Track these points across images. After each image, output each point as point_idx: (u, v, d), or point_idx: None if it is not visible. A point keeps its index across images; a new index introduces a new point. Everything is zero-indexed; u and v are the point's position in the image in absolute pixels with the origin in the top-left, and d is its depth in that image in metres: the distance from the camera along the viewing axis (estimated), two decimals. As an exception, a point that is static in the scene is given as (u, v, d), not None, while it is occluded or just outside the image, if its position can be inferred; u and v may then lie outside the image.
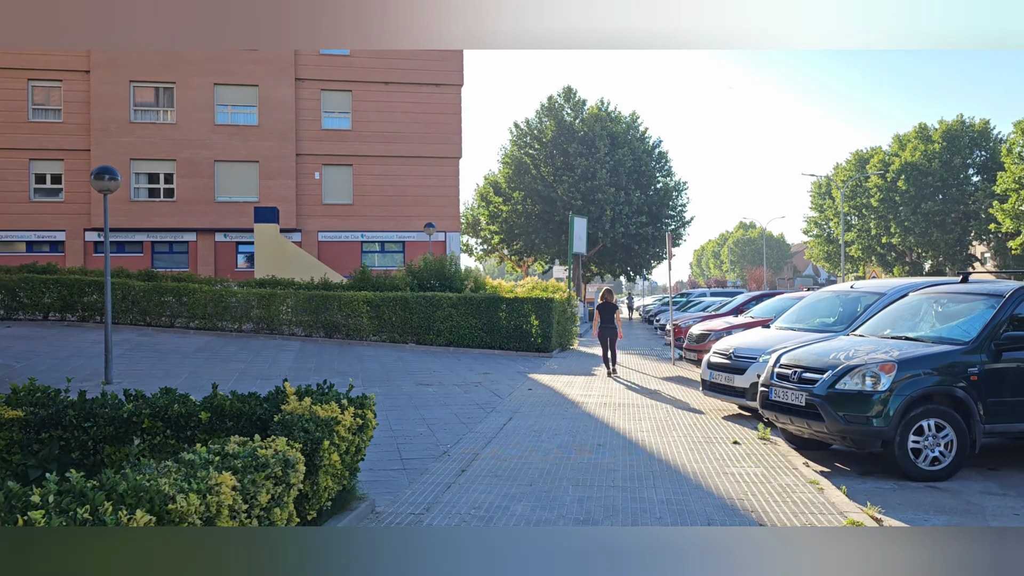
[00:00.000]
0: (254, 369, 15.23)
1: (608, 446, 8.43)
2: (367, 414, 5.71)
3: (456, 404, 11.50)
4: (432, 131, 36.52)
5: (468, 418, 10.23)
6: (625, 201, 46.59)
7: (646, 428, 9.60)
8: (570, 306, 23.69)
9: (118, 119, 33.69)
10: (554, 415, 10.56)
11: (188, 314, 20.95)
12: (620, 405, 11.63)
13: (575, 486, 6.74)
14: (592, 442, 8.65)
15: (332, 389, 5.78)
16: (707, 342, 15.03)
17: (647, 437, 8.98)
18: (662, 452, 8.13)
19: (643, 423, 9.98)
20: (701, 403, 11.91)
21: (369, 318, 20.55)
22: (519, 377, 15.24)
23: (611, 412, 10.89)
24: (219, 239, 34.91)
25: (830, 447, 8.46)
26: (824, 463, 7.99)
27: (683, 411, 11.08)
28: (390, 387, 13.39)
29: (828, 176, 76.42)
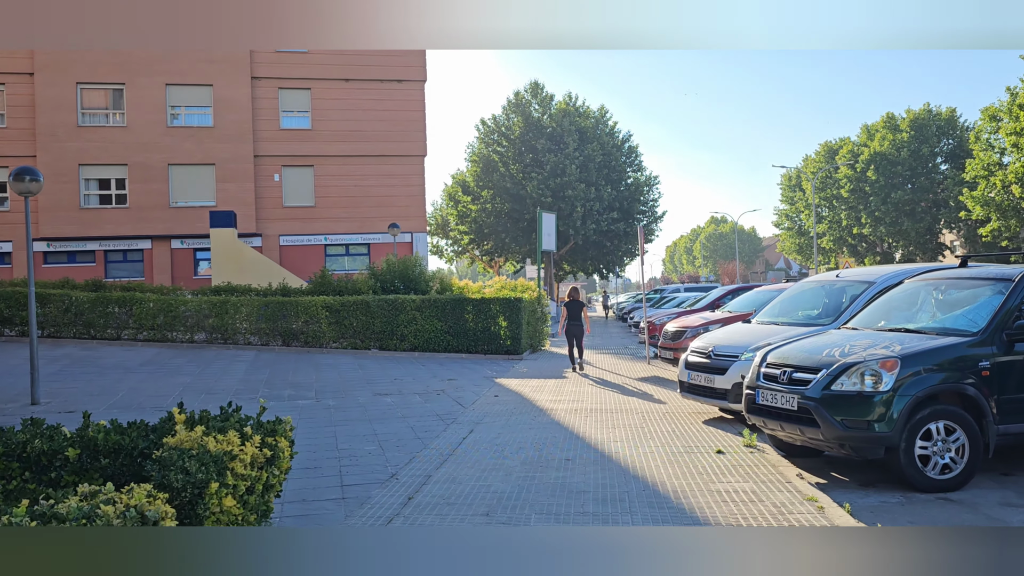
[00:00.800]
0: (200, 383, 14.14)
1: (578, 461, 7.51)
2: (279, 443, 4.74)
3: (414, 416, 10.53)
4: (395, 129, 35.46)
5: (425, 432, 9.27)
6: (596, 197, 45.85)
7: (620, 437, 8.70)
8: (540, 306, 22.79)
9: (65, 123, 32.25)
10: (520, 425, 9.62)
11: (136, 325, 19.75)
12: (592, 411, 10.72)
13: (539, 513, 5.81)
14: (560, 456, 7.73)
15: (236, 413, 4.80)
16: (683, 339, 14.20)
17: (621, 448, 8.08)
18: (638, 466, 7.23)
19: (617, 431, 9.08)
20: (679, 406, 11.04)
21: (329, 324, 19.50)
22: (486, 383, 14.29)
23: (582, 420, 9.98)
24: (176, 246, 33.58)
25: (823, 453, 7.61)
26: (819, 473, 7.13)
27: (660, 416, 10.21)
28: (345, 399, 12.38)
29: (798, 168, 76.35)
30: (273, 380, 14.52)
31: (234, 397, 12.56)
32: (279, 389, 13.48)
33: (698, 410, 10.56)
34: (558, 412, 10.67)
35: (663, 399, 11.92)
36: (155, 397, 12.62)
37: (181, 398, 12.56)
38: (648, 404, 11.36)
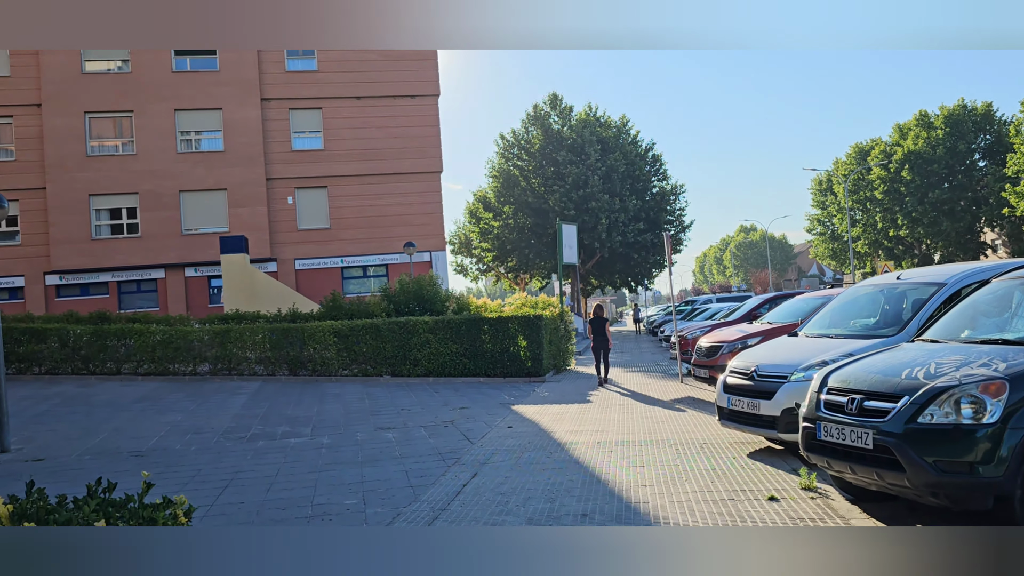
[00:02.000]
0: (191, 421, 12.96)
1: (597, 515, 6.13)
2: (160, 536, 3.41)
3: (413, 455, 9.20)
4: (410, 146, 34.43)
5: (421, 477, 7.94)
6: (620, 208, 44.42)
7: (650, 479, 7.31)
8: (563, 323, 21.41)
9: (74, 153, 31.63)
10: (532, 465, 8.25)
11: (137, 359, 18.70)
12: (617, 444, 9.32)
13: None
14: (576, 509, 6.35)
15: (95, 498, 3.50)
16: (719, 356, 12.75)
17: (652, 495, 6.69)
18: (674, 521, 5.84)
19: (646, 471, 7.68)
20: (718, 436, 9.60)
21: (337, 350, 18.30)
22: (501, 411, 12.94)
23: (606, 456, 8.59)
24: (189, 274, 32.72)
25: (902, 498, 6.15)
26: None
27: (697, 449, 8.78)
28: (342, 435, 11.10)
29: (829, 171, 74.29)
30: (270, 415, 13.30)
31: (222, 437, 11.35)
32: (274, 425, 12.25)
33: (741, 440, 9.12)
34: (578, 447, 9.28)
35: (699, 426, 10.48)
36: (136, 439, 11.45)
37: (165, 439, 11.38)
38: (682, 433, 9.93)
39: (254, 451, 10.12)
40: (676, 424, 10.73)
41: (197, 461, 9.61)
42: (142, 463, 9.75)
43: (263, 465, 9.10)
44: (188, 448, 10.64)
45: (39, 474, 9.29)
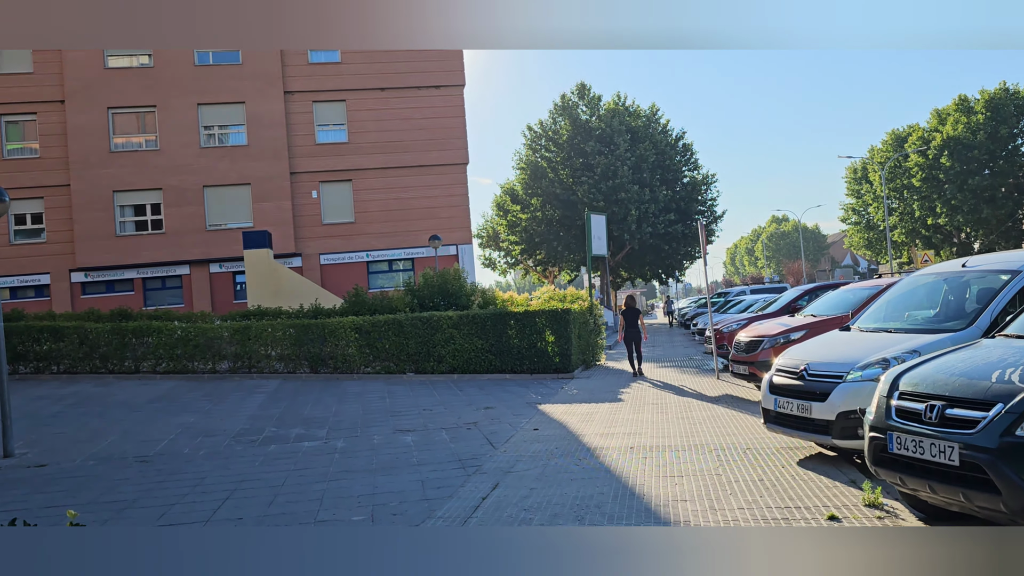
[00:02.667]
0: (204, 423, 12.42)
1: (633, 536, 5.40)
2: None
3: (432, 462, 8.54)
4: (435, 137, 33.80)
5: (438, 488, 7.27)
6: (651, 199, 43.46)
7: (690, 492, 6.57)
8: (593, 316, 20.65)
9: (98, 149, 31.43)
10: (559, 475, 7.54)
11: (155, 357, 18.28)
12: (652, 449, 8.58)
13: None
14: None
15: None
16: (760, 351, 11.94)
17: (693, 512, 5.95)
18: (719, 545, 5.09)
19: (685, 482, 6.93)
20: (763, 440, 8.82)
21: (358, 347, 17.72)
22: (527, 411, 12.24)
23: (639, 463, 7.86)
24: (214, 270, 32.43)
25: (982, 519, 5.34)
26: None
27: (740, 455, 8.01)
28: (358, 438, 10.47)
29: (864, 159, 72.49)
30: (286, 416, 12.72)
31: (233, 441, 10.79)
32: (288, 427, 11.66)
33: (788, 445, 8.33)
34: (609, 452, 8.54)
35: (741, 429, 9.69)
36: (145, 443, 10.92)
37: (174, 443, 10.85)
38: (723, 437, 9.16)
39: (264, 457, 9.53)
40: (715, 426, 9.96)
41: (202, 468, 9.04)
42: (147, 468, 9.21)
43: (271, 473, 8.49)
44: (196, 453, 10.08)
45: (36, 481, 8.79)
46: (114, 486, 8.31)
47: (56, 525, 6.26)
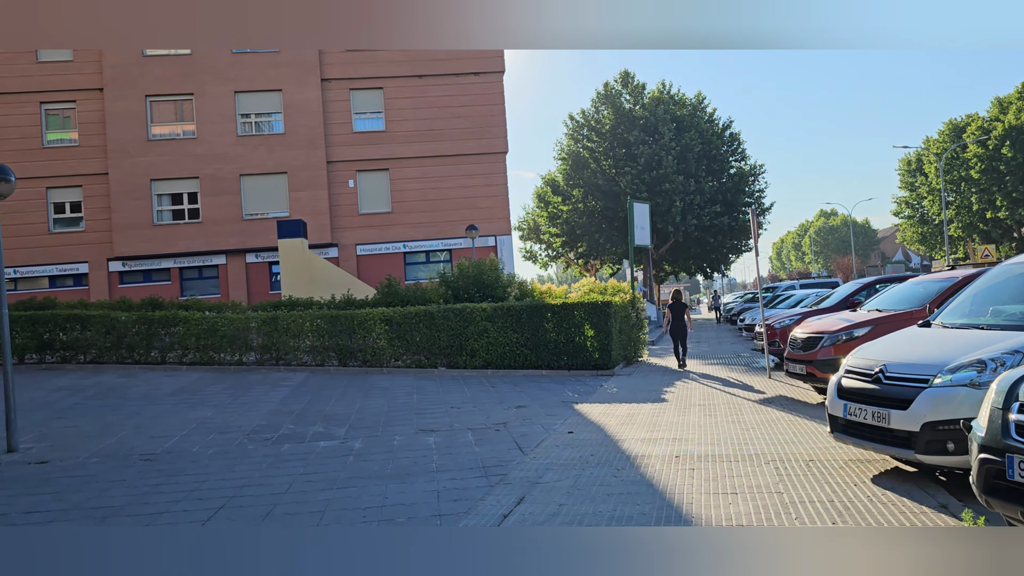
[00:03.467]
0: (221, 418, 11.76)
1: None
2: None
3: (452, 468, 7.69)
4: (474, 125, 32.98)
5: (455, 501, 6.42)
6: (696, 190, 42.09)
7: (748, 514, 5.61)
8: (635, 310, 19.64)
9: (136, 138, 31.23)
10: (594, 489, 6.63)
11: (182, 347, 17.77)
12: (700, 459, 7.62)
13: None
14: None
15: None
16: (819, 349, 10.87)
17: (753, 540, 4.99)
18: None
19: (740, 502, 5.97)
20: (826, 449, 7.80)
21: (388, 340, 16.98)
22: (562, 411, 11.34)
23: (686, 476, 6.91)
24: (250, 260, 32.06)
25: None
26: None
27: (803, 468, 7.02)
28: (378, 439, 9.68)
29: (919, 150, 69.92)
30: (307, 412, 12.00)
31: (246, 439, 10.08)
32: (307, 425, 10.93)
33: (857, 457, 7.30)
34: (651, 462, 7.60)
35: (800, 436, 8.66)
36: (156, 439, 10.27)
37: (185, 440, 10.18)
38: (780, 445, 8.15)
39: (274, 458, 8.78)
40: (771, 432, 8.94)
41: (207, 469, 8.32)
42: (149, 468, 8.53)
43: (276, 477, 7.73)
44: (205, 451, 9.38)
45: (31, 481, 8.15)
46: (107, 489, 7.62)
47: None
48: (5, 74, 30.85)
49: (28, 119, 31.06)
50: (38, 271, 31.14)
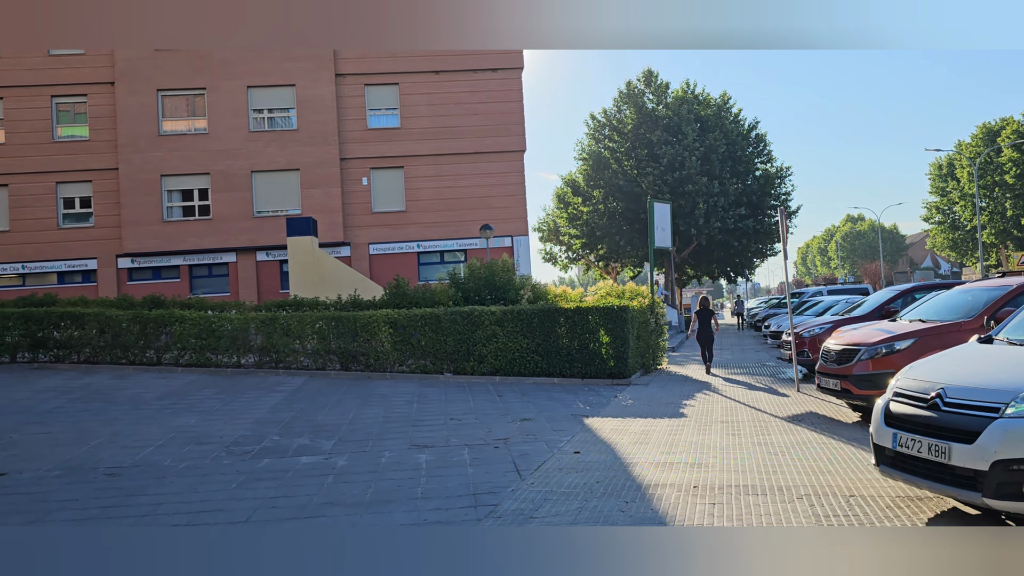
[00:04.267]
0: (204, 426, 10.93)
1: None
2: None
3: (439, 495, 6.78)
4: (491, 123, 32.10)
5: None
6: (720, 191, 40.94)
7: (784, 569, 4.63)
8: (654, 315, 18.64)
9: (146, 133, 30.66)
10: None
11: (178, 347, 17.01)
12: (723, 491, 6.64)
13: None
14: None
15: None
16: (855, 363, 9.84)
17: None
18: None
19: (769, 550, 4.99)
20: (869, 483, 6.80)
21: (392, 343, 16.11)
22: (570, 425, 10.40)
23: (705, 512, 5.94)
24: (261, 258, 31.38)
25: None
26: None
27: (843, 508, 6.02)
28: (365, 454, 8.79)
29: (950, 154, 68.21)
30: (296, 422, 11.14)
31: (224, 452, 9.23)
32: (293, 436, 10.07)
33: (907, 494, 6.29)
34: (666, 492, 6.63)
35: (837, 463, 7.64)
36: (128, 449, 9.45)
37: (159, 451, 9.35)
38: (814, 475, 7.14)
39: (247, 476, 7.91)
40: (802, 457, 7.93)
41: (170, 488, 7.47)
42: (108, 486, 7.69)
43: (242, 501, 6.85)
44: (176, 466, 8.54)
45: (-27, 499, 7.33)
46: (54, 511, 6.79)
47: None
48: (16, 67, 30.41)
49: (39, 113, 30.59)
50: (47, 267, 30.65)
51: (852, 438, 8.82)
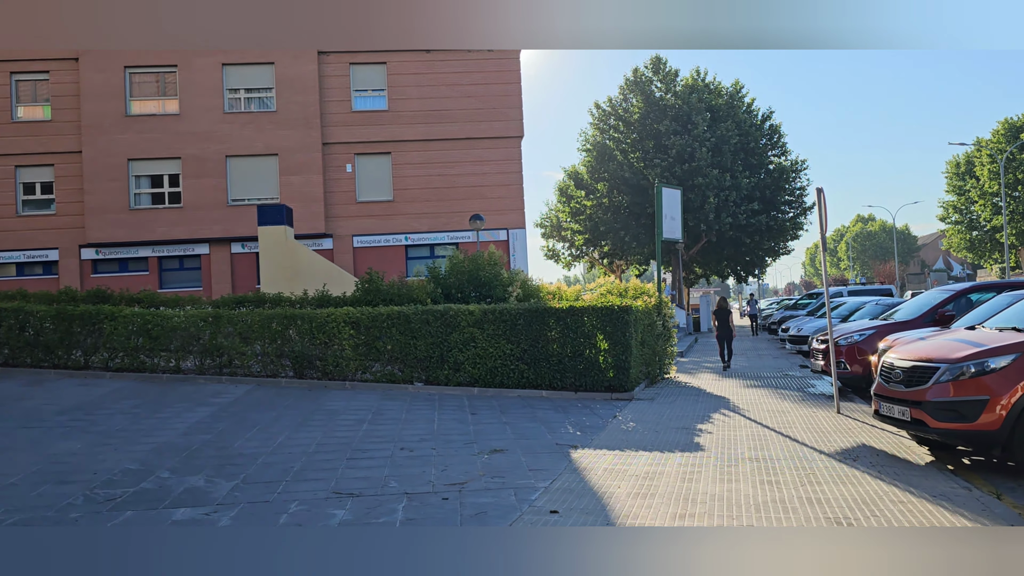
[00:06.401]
0: (86, 455, 8.53)
1: None
2: None
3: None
4: (486, 107, 29.68)
5: None
6: (732, 185, 38.46)
7: None
8: (662, 316, 16.22)
9: (112, 113, 28.31)
10: None
11: (108, 348, 14.64)
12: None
13: None
14: None
15: None
16: (932, 385, 7.40)
17: None
18: None
19: None
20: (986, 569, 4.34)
21: (354, 347, 13.71)
22: (553, 460, 7.97)
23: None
24: (236, 250, 29.03)
25: None
26: None
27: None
28: (259, 509, 6.38)
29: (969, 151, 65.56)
30: (205, 449, 8.74)
31: (85, 498, 6.85)
32: (188, 473, 7.67)
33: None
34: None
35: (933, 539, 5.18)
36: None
37: (8, 490, 6.98)
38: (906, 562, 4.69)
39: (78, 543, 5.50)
40: (877, 521, 5.48)
41: (-51, 568, 5.06)
42: None
43: (26, 601, 4.45)
44: (3, 520, 6.17)
45: None
46: None
47: None
48: (-28, 40, 28.07)
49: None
50: (4, 257, 28.34)
51: (937, 492, 6.39)
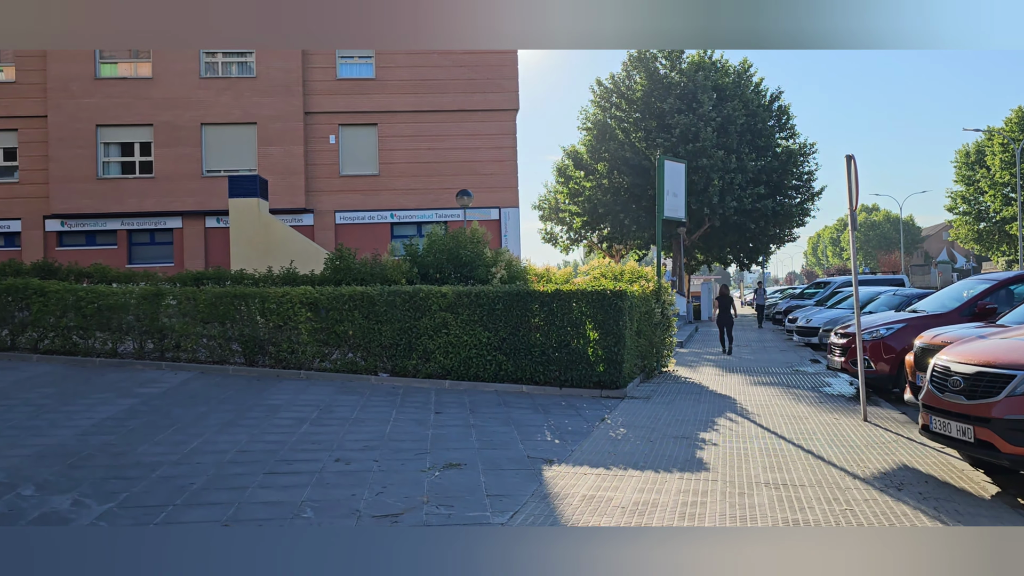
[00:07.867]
0: (-49, 457, 6.93)
1: None
2: None
3: None
4: (479, 76, 27.91)
5: None
6: (737, 167, 36.71)
7: None
8: (660, 304, 14.58)
9: (80, 75, 26.55)
10: None
11: (36, 327, 13.02)
12: None
13: None
14: None
15: None
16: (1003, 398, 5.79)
17: None
18: None
19: None
20: None
21: (311, 331, 12.08)
22: (521, 481, 6.37)
23: None
24: (210, 224, 27.37)
25: None
26: None
27: None
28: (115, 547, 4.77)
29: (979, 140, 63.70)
30: (97, 456, 7.14)
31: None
32: (57, 491, 6.07)
33: None
34: None
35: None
36: None
37: None
38: None
39: None
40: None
41: None
42: None
43: None
44: None
45: None
46: None
47: None
48: (-70, -6, 26.28)
49: (-44, 49, 26.50)
50: (-36, 228, 26.68)
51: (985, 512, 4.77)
